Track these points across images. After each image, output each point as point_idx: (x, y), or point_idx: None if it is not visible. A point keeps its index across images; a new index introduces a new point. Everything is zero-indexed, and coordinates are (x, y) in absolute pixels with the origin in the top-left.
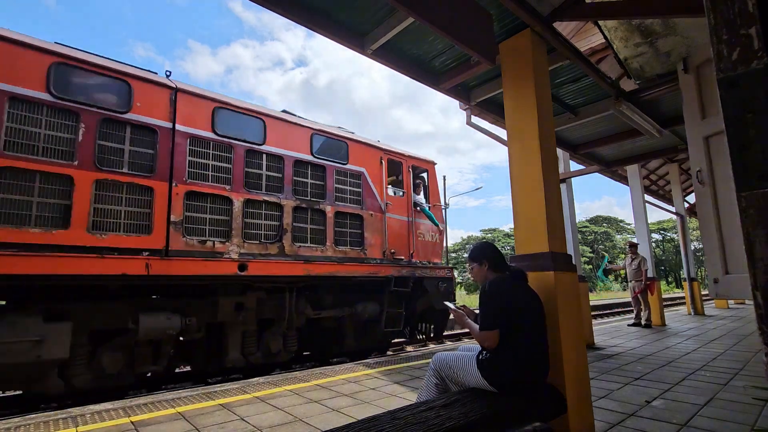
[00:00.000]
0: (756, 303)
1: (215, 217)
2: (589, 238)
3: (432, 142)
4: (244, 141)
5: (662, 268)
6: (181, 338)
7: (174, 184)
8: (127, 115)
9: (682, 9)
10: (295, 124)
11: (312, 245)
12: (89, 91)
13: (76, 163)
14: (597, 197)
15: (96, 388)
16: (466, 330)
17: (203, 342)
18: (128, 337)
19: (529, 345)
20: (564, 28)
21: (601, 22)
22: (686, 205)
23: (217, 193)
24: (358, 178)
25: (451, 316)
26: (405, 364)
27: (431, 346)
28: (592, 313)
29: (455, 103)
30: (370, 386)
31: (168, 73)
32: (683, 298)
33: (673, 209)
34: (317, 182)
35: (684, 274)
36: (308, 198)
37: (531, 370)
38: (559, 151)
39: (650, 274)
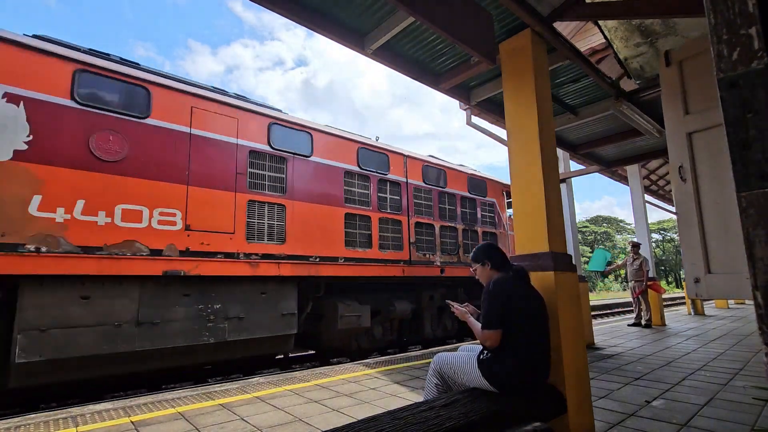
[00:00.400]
0: (756, 303)
1: (427, 238)
2: (589, 238)
3: (432, 142)
4: (437, 186)
5: (662, 268)
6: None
7: (409, 218)
8: (388, 176)
9: (682, 9)
10: (461, 171)
11: None
12: (372, 163)
13: (370, 208)
14: (597, 197)
15: (371, 348)
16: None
17: (407, 322)
18: (384, 315)
19: (530, 345)
20: (564, 28)
21: (601, 22)
22: None
23: (429, 222)
24: (492, 206)
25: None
26: (405, 364)
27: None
28: (592, 313)
29: (456, 102)
30: (370, 386)
31: (377, 138)
32: (683, 298)
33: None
34: (471, 211)
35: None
36: (468, 222)
37: (532, 371)
38: (559, 151)
39: (651, 275)
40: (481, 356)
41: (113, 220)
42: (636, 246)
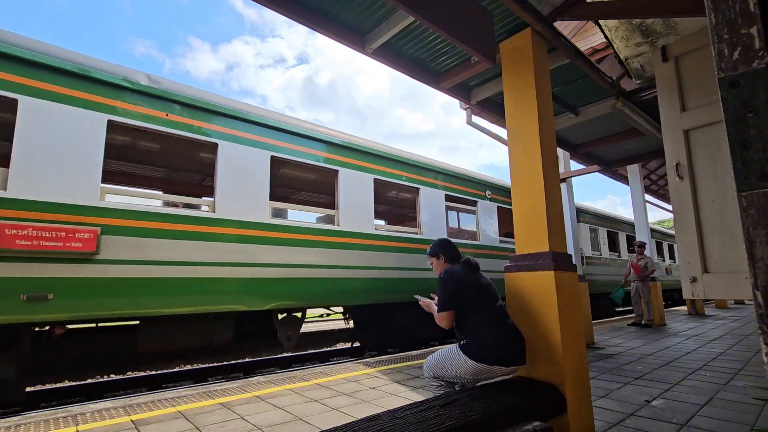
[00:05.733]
0: (756, 303)
1: None
2: None
3: (434, 141)
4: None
5: None
6: None
7: None
8: None
9: (683, 8)
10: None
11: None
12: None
13: None
14: (602, 196)
15: None
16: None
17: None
18: None
19: (495, 317)
20: (565, 27)
21: (601, 22)
22: None
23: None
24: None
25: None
26: (404, 364)
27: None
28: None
29: (457, 101)
30: (369, 385)
31: None
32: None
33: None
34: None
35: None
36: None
37: (507, 339)
38: (559, 151)
39: (655, 275)
40: (461, 342)
41: None
42: (642, 246)
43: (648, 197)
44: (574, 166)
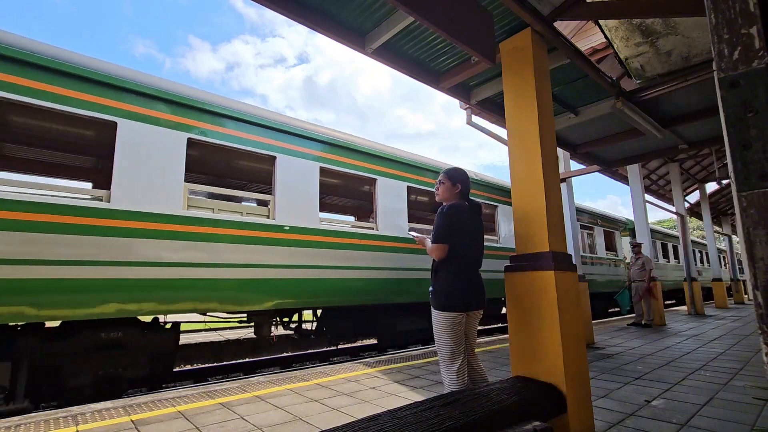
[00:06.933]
0: (756, 303)
1: None
2: None
3: (434, 141)
4: None
5: None
6: None
7: None
8: None
9: (683, 9)
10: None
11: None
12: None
13: None
14: (602, 196)
15: None
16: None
17: None
18: None
19: (473, 270)
20: (565, 27)
21: (601, 22)
22: (686, 204)
23: None
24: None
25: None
26: (404, 364)
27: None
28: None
29: (457, 101)
30: (369, 385)
31: None
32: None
33: (673, 209)
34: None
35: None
36: None
37: (478, 286)
38: (559, 151)
39: (652, 275)
40: (431, 300)
41: None
42: (637, 245)
43: (648, 197)
44: (574, 166)
